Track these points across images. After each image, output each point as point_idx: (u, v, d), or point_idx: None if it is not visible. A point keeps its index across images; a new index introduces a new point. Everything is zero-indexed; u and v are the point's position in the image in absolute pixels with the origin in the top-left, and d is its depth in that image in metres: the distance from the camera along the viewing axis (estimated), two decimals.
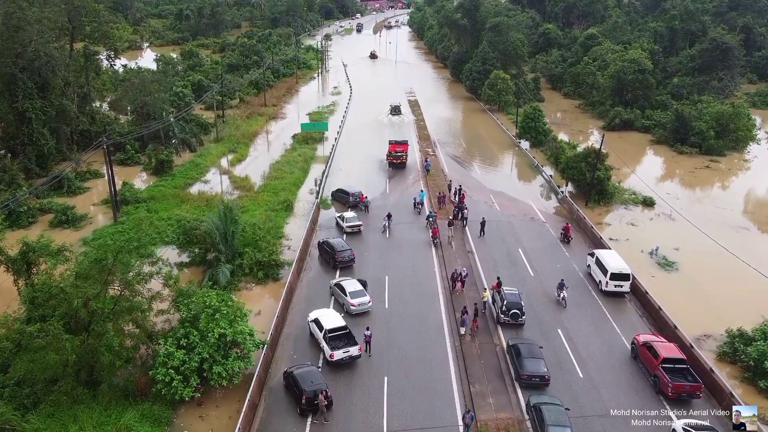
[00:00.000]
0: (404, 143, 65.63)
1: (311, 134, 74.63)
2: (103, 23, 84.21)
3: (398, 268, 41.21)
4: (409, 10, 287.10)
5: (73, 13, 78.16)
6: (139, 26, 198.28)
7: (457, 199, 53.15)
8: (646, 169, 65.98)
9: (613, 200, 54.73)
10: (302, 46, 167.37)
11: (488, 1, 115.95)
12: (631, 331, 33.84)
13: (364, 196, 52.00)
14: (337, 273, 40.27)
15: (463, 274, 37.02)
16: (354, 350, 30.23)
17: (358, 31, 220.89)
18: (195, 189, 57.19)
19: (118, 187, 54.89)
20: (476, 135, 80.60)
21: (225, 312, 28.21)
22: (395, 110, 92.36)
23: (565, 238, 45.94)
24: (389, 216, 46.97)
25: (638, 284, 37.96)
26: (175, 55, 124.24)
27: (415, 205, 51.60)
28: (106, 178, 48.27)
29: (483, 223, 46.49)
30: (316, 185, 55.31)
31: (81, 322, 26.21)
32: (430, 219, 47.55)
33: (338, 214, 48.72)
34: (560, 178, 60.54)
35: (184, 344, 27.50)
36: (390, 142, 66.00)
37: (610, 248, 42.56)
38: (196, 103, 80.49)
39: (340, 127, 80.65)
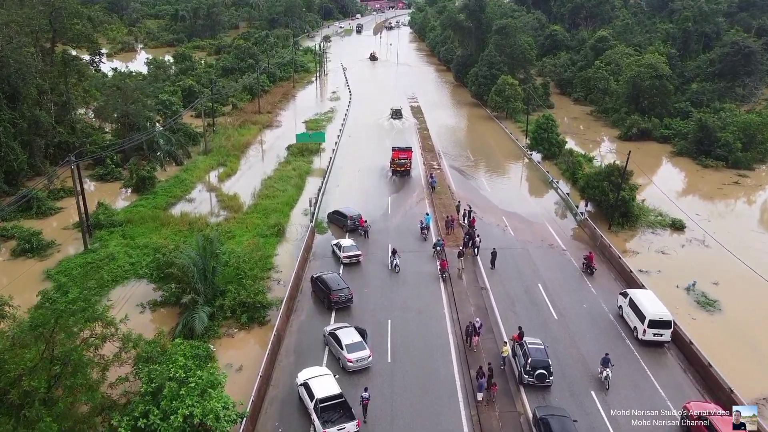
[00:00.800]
0: (408, 150, 61.91)
1: (307, 145, 69.57)
2: (86, 25, 78.88)
3: (403, 308, 36.07)
4: (410, 11, 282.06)
5: (55, 15, 73.27)
6: (135, 27, 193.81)
7: (466, 222, 48.07)
8: (668, 184, 60.76)
9: (639, 222, 49.60)
10: (300, 48, 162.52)
11: (493, 2, 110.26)
12: (676, 394, 28.74)
13: (364, 220, 46.86)
14: (333, 315, 35.16)
15: (478, 325, 31.83)
16: (351, 427, 25.11)
17: (358, 32, 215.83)
18: (178, 209, 52.06)
19: (93, 207, 49.94)
20: (484, 145, 75.47)
21: (193, 385, 23.09)
22: (396, 114, 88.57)
23: (588, 269, 40.83)
24: (395, 252, 41.18)
25: (681, 332, 32.82)
26: (168, 58, 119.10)
27: (421, 229, 46.47)
28: (77, 201, 43.15)
29: (494, 254, 41.31)
30: (310, 206, 50.20)
31: (12, 405, 21.11)
32: (438, 248, 42.47)
33: (335, 242, 43.62)
34: (578, 196, 55.53)
35: (143, 426, 22.41)
36: (393, 149, 62.25)
37: (642, 285, 37.45)
38: (184, 111, 75.39)
39: (338, 136, 75.58)
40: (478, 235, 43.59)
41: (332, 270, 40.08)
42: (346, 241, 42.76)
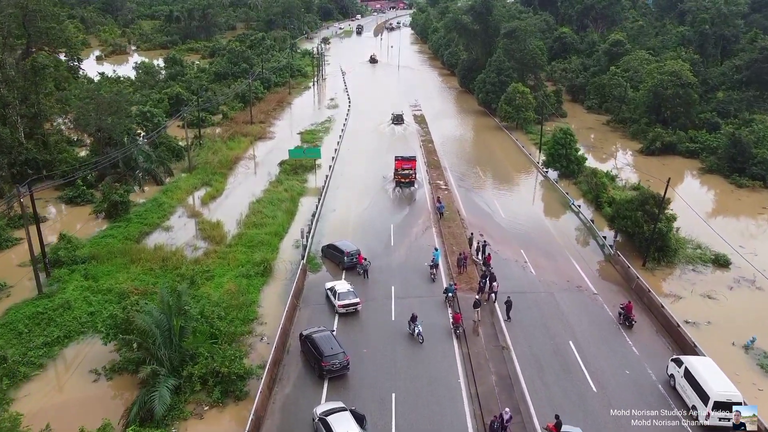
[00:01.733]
0: (412, 159, 58.48)
1: (301, 161, 63.47)
2: (68, 27, 72.71)
3: (410, 376, 29.94)
4: (411, 11, 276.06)
5: (29, 18, 67.28)
6: (128, 28, 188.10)
7: (481, 258, 42.00)
8: (700, 207, 54.55)
9: (677, 257, 43.48)
10: (298, 51, 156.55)
11: (501, 4, 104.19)
12: None
13: (363, 256, 40.77)
14: (325, 387, 29.08)
15: (507, 417, 25.68)
16: None
17: (359, 33, 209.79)
18: (153, 239, 45.96)
19: (54, 240, 43.88)
20: (494, 160, 69.31)
21: None
22: (397, 119, 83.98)
23: (627, 321, 34.76)
24: (414, 319, 33.10)
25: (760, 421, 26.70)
26: (158, 62, 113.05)
27: (429, 268, 40.37)
28: (27, 238, 37.05)
29: (509, 305, 34.95)
30: (302, 237, 44.13)
31: None
32: (450, 294, 36.40)
33: (329, 285, 37.52)
34: (601, 220, 49.57)
35: None
36: (396, 159, 58.66)
37: (694, 345, 31.37)
38: (168, 123, 69.21)
39: (335, 150, 69.46)
40: (496, 280, 37.39)
41: (325, 322, 34.05)
42: (342, 285, 36.65)
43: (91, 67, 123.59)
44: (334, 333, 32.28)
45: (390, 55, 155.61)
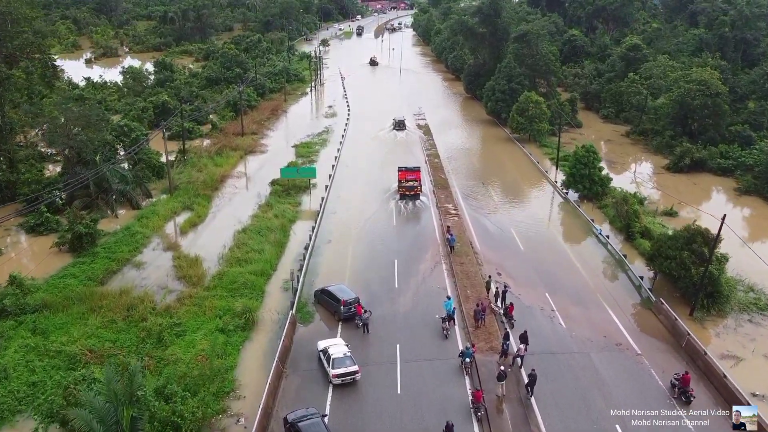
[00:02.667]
0: (416, 170, 55.71)
1: (295, 181, 57.31)
2: (37, 33, 66.54)
3: None
4: (413, 11, 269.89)
5: None
6: (122, 29, 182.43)
7: (501, 306, 35.90)
8: (738, 235, 48.49)
9: (729, 303, 37.33)
10: (296, 53, 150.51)
11: (510, 6, 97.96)
12: None
13: (362, 306, 34.62)
14: None
15: None
16: None
17: (359, 34, 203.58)
18: (120, 280, 39.82)
19: (1, 283, 37.72)
20: (507, 178, 63.14)
21: None
22: (399, 125, 79.44)
23: (683, 395, 28.59)
24: (450, 428, 25.32)
25: None
26: (149, 66, 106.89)
27: (441, 320, 34.22)
28: None
29: (533, 379, 28.43)
30: (292, 278, 38.03)
31: None
32: (467, 360, 30.21)
33: (322, 345, 31.35)
34: (636, 255, 43.50)
35: None
36: (399, 170, 55.68)
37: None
38: (150, 136, 62.95)
39: (332, 167, 63.31)
40: (525, 344, 31.18)
41: (317, 395, 28.02)
42: (337, 348, 30.45)
43: (80, 71, 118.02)
44: (326, 418, 26.11)
45: (391, 57, 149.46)
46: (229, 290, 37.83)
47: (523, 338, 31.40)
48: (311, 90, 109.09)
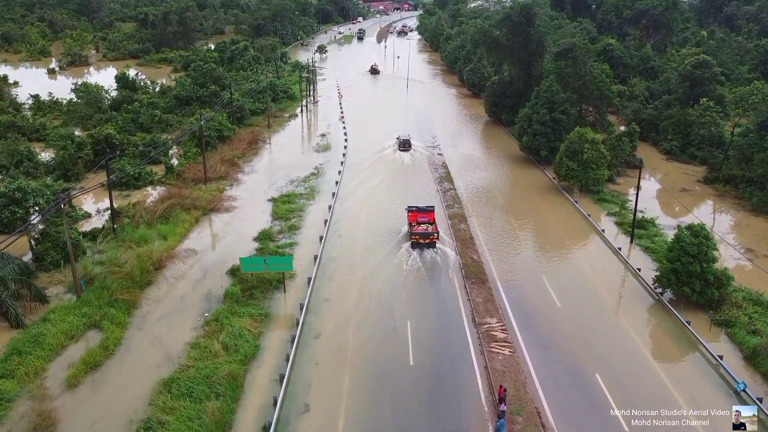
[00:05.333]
0: (429, 211, 46.51)
1: (263, 274, 39.23)
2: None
3: None
4: (418, 13, 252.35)
5: None
6: (103, 32, 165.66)
7: None
8: None
9: None
10: (288, 61, 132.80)
11: (543, 12, 79.91)
12: None
13: None
14: None
15: None
16: None
17: (360, 39, 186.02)
18: None
19: None
20: (565, 261, 44.70)
21: None
22: (404, 145, 69.03)
23: None
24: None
25: None
26: (103, 85, 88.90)
27: None
28: None
29: None
30: None
31: None
32: None
33: None
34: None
35: None
36: (409, 210, 46.87)
37: None
38: (68, 193, 44.87)
39: (322, 239, 45.44)
40: None
41: None
42: None
43: (39, 83, 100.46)
44: None
45: (396, 66, 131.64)
46: None
47: None
48: (302, 111, 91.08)
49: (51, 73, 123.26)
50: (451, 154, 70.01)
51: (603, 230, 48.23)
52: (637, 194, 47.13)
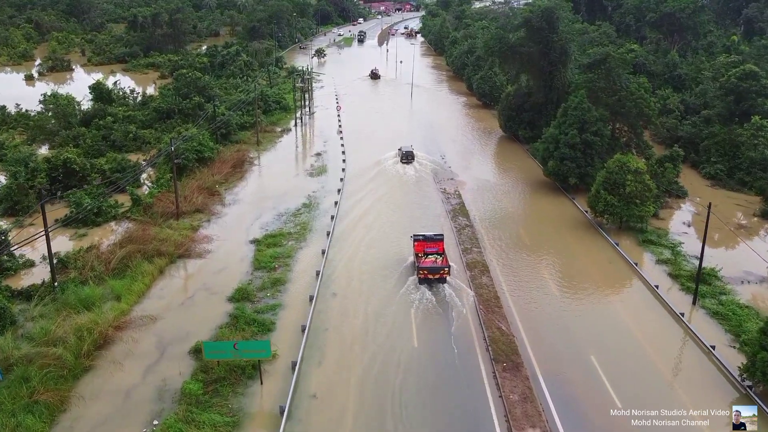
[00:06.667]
0: (438, 240, 40.55)
1: (235, 362, 30.34)
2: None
3: None
4: (420, 14, 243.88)
5: None
6: (92, 33, 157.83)
7: None
8: None
9: None
10: (284, 66, 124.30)
11: (566, 15, 71.10)
12: None
13: None
14: None
15: None
16: None
17: (360, 41, 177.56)
18: None
19: None
20: (612, 335, 36.03)
21: None
22: (407, 157, 63.81)
23: None
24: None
25: None
26: (77, 96, 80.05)
27: None
28: None
29: None
30: None
31: None
32: None
33: None
34: None
35: None
36: (415, 239, 40.68)
37: None
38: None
39: (309, 314, 36.66)
40: None
41: None
42: None
43: (11, 92, 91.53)
44: None
45: (399, 71, 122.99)
46: None
47: None
48: (296, 124, 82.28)
49: (28, 79, 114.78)
50: (463, 177, 61.23)
51: (657, 286, 39.35)
52: (703, 243, 37.98)
